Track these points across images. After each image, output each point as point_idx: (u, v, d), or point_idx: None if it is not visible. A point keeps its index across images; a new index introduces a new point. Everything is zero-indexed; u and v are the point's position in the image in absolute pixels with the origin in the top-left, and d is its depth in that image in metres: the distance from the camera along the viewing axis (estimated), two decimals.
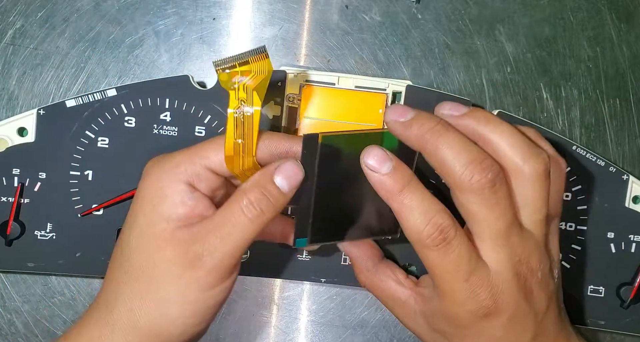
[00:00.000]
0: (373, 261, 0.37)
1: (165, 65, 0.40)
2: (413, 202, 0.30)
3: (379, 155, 0.31)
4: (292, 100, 0.38)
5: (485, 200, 0.29)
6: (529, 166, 0.30)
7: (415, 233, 0.30)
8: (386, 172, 0.30)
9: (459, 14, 0.41)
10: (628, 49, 0.41)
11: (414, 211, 0.30)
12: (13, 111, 0.40)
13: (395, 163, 0.31)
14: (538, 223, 0.31)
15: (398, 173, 0.30)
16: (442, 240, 0.30)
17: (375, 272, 0.37)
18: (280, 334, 0.42)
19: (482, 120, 0.31)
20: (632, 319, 0.40)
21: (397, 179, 0.30)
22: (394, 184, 0.30)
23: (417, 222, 0.30)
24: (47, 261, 0.38)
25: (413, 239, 0.30)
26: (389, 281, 0.36)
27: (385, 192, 0.30)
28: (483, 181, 0.29)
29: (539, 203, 0.31)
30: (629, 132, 0.42)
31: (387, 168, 0.30)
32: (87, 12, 0.40)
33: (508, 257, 0.30)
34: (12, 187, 0.37)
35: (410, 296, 0.35)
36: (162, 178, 0.31)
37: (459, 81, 0.41)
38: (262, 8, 0.40)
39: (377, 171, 0.30)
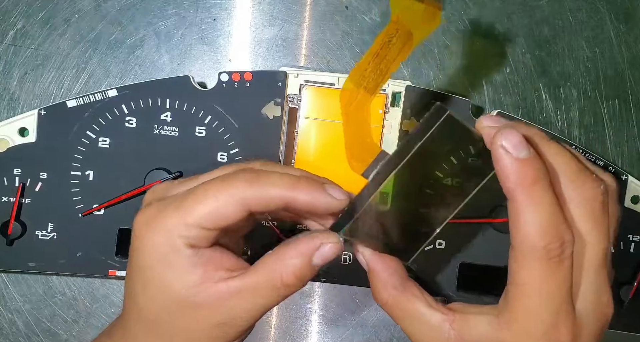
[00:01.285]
0: (401, 277, 0.32)
1: (166, 65, 0.41)
2: (544, 200, 0.26)
3: (519, 137, 0.26)
4: (292, 101, 0.38)
5: (593, 213, 0.26)
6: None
7: (532, 236, 0.26)
8: (524, 158, 0.26)
9: (459, 14, 0.41)
10: (627, 49, 0.41)
11: (542, 211, 0.26)
12: (14, 111, 0.40)
13: (534, 152, 0.26)
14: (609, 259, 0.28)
15: (536, 163, 0.26)
16: (559, 254, 0.25)
17: (402, 291, 0.31)
18: (280, 334, 0.43)
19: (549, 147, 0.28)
20: (632, 318, 0.40)
21: (534, 169, 0.26)
22: (530, 173, 0.26)
23: (541, 225, 0.25)
24: (48, 261, 0.38)
25: (527, 243, 0.26)
26: (418, 303, 0.31)
27: (515, 180, 0.26)
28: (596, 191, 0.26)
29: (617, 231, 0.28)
30: (627, 133, 0.42)
31: (525, 154, 0.26)
32: (88, 12, 0.40)
33: (597, 294, 0.27)
34: (13, 187, 0.38)
35: (445, 321, 0.30)
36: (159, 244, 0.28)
37: (458, 81, 0.41)
38: (262, 8, 0.41)
39: (512, 154, 0.26)
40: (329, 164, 0.38)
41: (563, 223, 0.26)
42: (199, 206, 0.28)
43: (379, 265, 0.32)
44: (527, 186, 0.26)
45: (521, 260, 0.26)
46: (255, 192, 0.28)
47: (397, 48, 0.28)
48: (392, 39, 0.27)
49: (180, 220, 0.28)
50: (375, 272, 0.32)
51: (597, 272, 0.27)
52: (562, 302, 0.26)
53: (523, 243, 0.26)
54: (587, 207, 0.27)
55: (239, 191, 0.28)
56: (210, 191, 0.28)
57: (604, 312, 0.28)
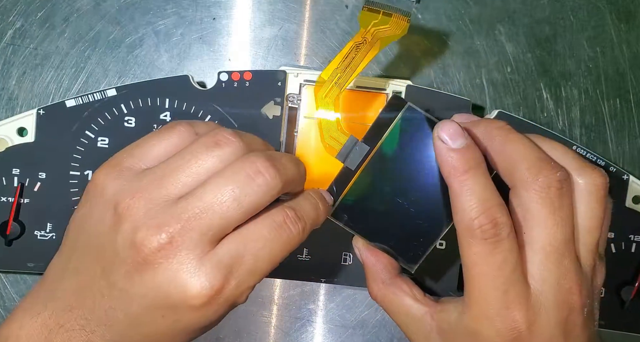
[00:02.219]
0: (390, 273, 0.34)
1: (165, 65, 0.40)
2: (475, 186, 0.28)
3: (454, 128, 0.29)
4: (292, 101, 0.38)
5: (549, 200, 0.27)
6: (586, 178, 0.28)
7: (467, 219, 0.28)
8: (457, 148, 0.28)
9: (459, 14, 0.41)
10: (628, 48, 0.41)
11: (473, 196, 0.28)
12: (13, 111, 0.40)
13: (469, 142, 0.29)
14: (590, 250, 0.29)
15: (469, 152, 0.28)
16: (493, 235, 0.27)
17: (389, 285, 0.34)
18: (280, 334, 0.42)
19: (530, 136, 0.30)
20: (632, 319, 0.40)
21: (467, 158, 0.28)
22: (461, 162, 0.28)
23: (472, 208, 0.27)
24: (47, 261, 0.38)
25: (462, 225, 0.28)
26: (404, 296, 0.33)
27: (449, 169, 0.28)
28: (551, 178, 0.27)
29: (593, 222, 0.29)
30: (629, 132, 0.42)
31: (459, 144, 0.28)
32: (87, 12, 0.40)
33: (556, 279, 0.28)
34: (12, 187, 0.37)
35: (427, 313, 0.32)
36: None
37: (459, 81, 0.41)
38: (262, 8, 0.40)
39: (447, 144, 0.28)
40: (329, 164, 0.38)
41: (495, 205, 0.28)
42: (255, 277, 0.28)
43: (370, 261, 0.34)
44: (459, 174, 0.28)
45: (463, 242, 0.28)
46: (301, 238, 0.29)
47: (363, 52, 0.32)
48: (359, 46, 0.32)
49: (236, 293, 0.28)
50: (367, 266, 0.34)
51: (556, 258, 0.28)
52: (507, 281, 0.27)
53: (460, 226, 0.28)
54: (542, 193, 0.28)
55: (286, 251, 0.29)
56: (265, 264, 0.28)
57: (566, 300, 0.28)
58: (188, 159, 0.28)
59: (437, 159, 0.29)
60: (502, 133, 0.29)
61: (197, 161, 0.28)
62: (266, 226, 0.28)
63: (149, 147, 0.30)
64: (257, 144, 0.30)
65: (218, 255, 0.27)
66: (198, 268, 0.26)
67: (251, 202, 0.27)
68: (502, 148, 0.29)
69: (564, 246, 0.28)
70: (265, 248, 0.27)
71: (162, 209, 0.27)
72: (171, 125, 0.31)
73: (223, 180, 0.27)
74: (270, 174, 0.27)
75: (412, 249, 0.33)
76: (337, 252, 0.39)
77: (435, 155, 0.29)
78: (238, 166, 0.27)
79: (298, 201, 0.30)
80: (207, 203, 0.27)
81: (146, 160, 0.29)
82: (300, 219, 0.28)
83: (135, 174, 0.29)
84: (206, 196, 0.27)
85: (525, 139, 0.29)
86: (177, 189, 0.28)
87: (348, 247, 0.38)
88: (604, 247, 0.31)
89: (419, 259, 0.33)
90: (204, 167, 0.28)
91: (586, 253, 0.29)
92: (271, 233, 0.28)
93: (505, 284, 0.27)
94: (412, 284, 0.34)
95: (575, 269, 0.28)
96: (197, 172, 0.28)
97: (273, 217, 0.28)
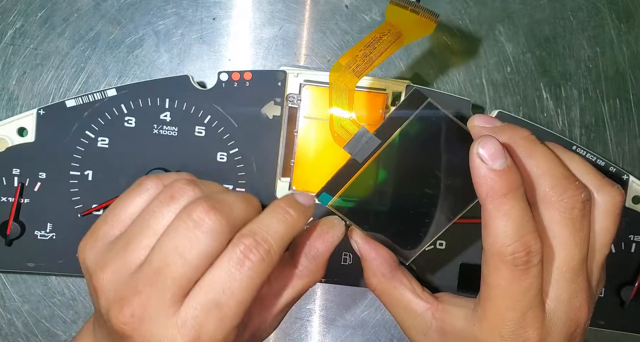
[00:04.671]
0: (390, 265, 0.33)
1: (165, 65, 0.40)
2: (513, 211, 0.27)
3: (496, 147, 0.27)
4: (292, 101, 0.38)
5: (571, 221, 0.27)
6: (604, 196, 0.28)
7: (500, 245, 0.27)
8: (498, 169, 0.27)
9: (459, 14, 0.41)
10: (628, 49, 0.41)
11: (509, 221, 0.27)
12: (13, 111, 0.40)
13: (510, 163, 0.27)
14: (598, 266, 0.29)
15: (510, 174, 0.27)
16: (525, 262, 0.27)
17: (390, 279, 0.33)
18: (280, 334, 0.42)
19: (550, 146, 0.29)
20: (632, 319, 0.40)
21: (507, 180, 0.27)
22: (501, 185, 0.27)
23: (507, 234, 0.27)
24: (47, 261, 0.38)
25: (494, 250, 0.27)
26: (404, 290, 0.33)
27: (487, 190, 0.27)
28: (576, 199, 0.27)
29: (606, 239, 0.29)
30: (628, 132, 0.42)
31: (500, 164, 0.27)
32: (87, 12, 0.40)
33: (570, 298, 0.28)
34: (12, 187, 0.37)
35: (428, 310, 0.32)
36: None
37: (459, 81, 0.41)
38: (262, 8, 0.40)
39: (487, 163, 0.27)
40: (329, 164, 0.38)
41: (531, 233, 0.27)
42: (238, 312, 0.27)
43: (370, 253, 0.33)
44: (497, 197, 0.27)
45: (490, 264, 0.28)
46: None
47: (386, 44, 0.31)
48: (383, 36, 0.31)
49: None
50: (366, 259, 0.34)
51: (571, 278, 0.28)
52: (528, 305, 0.27)
53: (492, 249, 0.27)
54: (565, 214, 0.27)
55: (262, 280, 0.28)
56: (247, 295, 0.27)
57: (575, 317, 0.28)
58: (147, 219, 0.28)
59: (473, 177, 0.28)
60: (526, 144, 0.28)
61: (156, 219, 0.28)
62: (223, 268, 0.27)
63: (121, 210, 0.30)
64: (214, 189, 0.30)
65: (181, 317, 0.26)
66: (165, 335, 0.26)
67: (199, 253, 0.26)
68: (526, 161, 0.28)
69: (580, 265, 0.28)
70: (226, 292, 0.26)
71: (125, 281, 0.27)
72: (139, 183, 0.30)
73: (167, 238, 0.27)
74: (211, 219, 0.26)
75: (410, 242, 0.33)
76: (337, 252, 0.39)
77: (472, 173, 0.28)
78: (177, 220, 0.27)
79: (258, 219, 0.28)
80: (156, 268, 0.26)
81: (119, 224, 0.29)
82: (260, 243, 0.27)
83: (108, 243, 0.29)
84: (155, 260, 0.26)
85: (550, 154, 0.28)
86: (139, 255, 0.27)
87: (348, 247, 0.38)
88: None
89: (415, 253, 0.33)
90: (162, 224, 0.27)
91: (595, 268, 0.29)
92: (230, 274, 0.26)
93: (525, 307, 0.27)
94: (411, 277, 0.34)
95: (586, 287, 0.28)
96: (155, 231, 0.27)
97: (229, 255, 0.27)
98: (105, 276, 0.27)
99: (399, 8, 0.33)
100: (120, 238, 0.28)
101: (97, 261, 0.28)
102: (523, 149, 0.28)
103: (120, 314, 0.26)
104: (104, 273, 0.27)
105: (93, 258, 0.28)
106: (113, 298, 0.27)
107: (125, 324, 0.26)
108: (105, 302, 0.27)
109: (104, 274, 0.27)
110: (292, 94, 0.38)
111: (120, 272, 0.27)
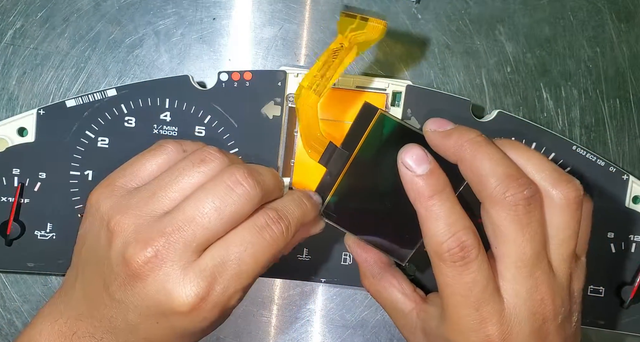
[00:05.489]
0: (380, 267, 0.35)
1: (165, 65, 0.40)
2: (441, 211, 0.29)
3: (418, 154, 0.30)
4: (292, 101, 0.38)
5: (517, 217, 0.28)
6: (559, 192, 0.29)
7: (435, 243, 0.29)
8: (421, 174, 0.29)
9: (459, 14, 0.41)
10: (628, 49, 0.41)
11: (440, 221, 0.29)
12: (13, 111, 0.40)
13: (432, 166, 0.29)
14: (565, 259, 0.29)
15: (433, 178, 0.29)
16: (461, 258, 0.28)
17: (380, 280, 0.35)
18: (280, 334, 0.42)
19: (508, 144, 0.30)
20: (632, 319, 0.40)
21: (431, 183, 0.29)
22: (426, 188, 0.29)
23: (439, 233, 0.28)
24: (47, 261, 0.38)
25: (431, 249, 0.29)
26: (393, 291, 0.35)
27: (415, 194, 0.29)
28: (518, 196, 0.28)
29: (567, 233, 0.29)
30: (629, 132, 0.42)
31: (422, 170, 0.29)
32: (87, 12, 0.40)
33: (528, 292, 0.28)
34: (12, 187, 0.37)
35: (414, 310, 0.34)
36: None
37: (459, 81, 0.41)
38: (262, 8, 0.40)
39: (412, 170, 0.29)
40: None
41: (463, 229, 0.28)
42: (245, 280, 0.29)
43: (361, 256, 0.35)
44: (425, 199, 0.29)
45: (434, 264, 0.29)
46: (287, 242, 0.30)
47: (340, 59, 0.32)
48: (337, 52, 0.32)
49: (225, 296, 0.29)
50: (358, 262, 0.36)
51: (526, 272, 0.29)
52: (479, 300, 0.28)
53: (430, 249, 0.29)
54: (510, 211, 0.28)
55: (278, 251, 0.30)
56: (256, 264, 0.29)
57: (539, 311, 0.29)
58: (176, 175, 0.30)
59: (403, 184, 0.30)
60: (472, 146, 0.29)
61: (184, 177, 0.30)
62: (248, 230, 0.29)
63: (140, 166, 0.32)
64: (239, 160, 0.32)
65: (201, 264, 0.28)
66: (182, 278, 0.28)
67: (232, 212, 0.28)
68: (472, 162, 0.29)
69: (534, 259, 0.29)
70: (248, 251, 0.28)
71: (149, 224, 0.28)
72: (160, 144, 0.32)
73: (204, 193, 0.29)
74: (249, 184, 0.29)
75: (401, 244, 0.34)
76: (337, 252, 0.39)
77: (402, 181, 0.30)
78: (218, 179, 0.29)
79: (281, 200, 0.31)
80: (189, 216, 0.28)
81: (137, 179, 0.31)
82: (282, 218, 0.30)
83: (127, 192, 0.30)
84: (189, 209, 0.28)
85: (496, 153, 0.29)
86: (164, 205, 0.29)
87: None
88: (585, 251, 0.32)
89: (409, 253, 0.34)
90: (190, 182, 0.30)
91: (560, 262, 0.30)
92: (253, 236, 0.29)
93: (476, 302, 0.28)
94: (403, 278, 0.35)
95: (548, 280, 0.29)
96: (183, 188, 0.29)
97: (255, 221, 0.29)
98: (126, 219, 0.29)
99: (349, 18, 0.34)
100: (144, 188, 0.30)
101: (116, 205, 0.29)
102: (469, 151, 0.29)
103: (142, 253, 0.28)
104: (125, 217, 0.29)
105: (111, 204, 0.30)
106: (134, 239, 0.28)
107: (145, 264, 0.28)
108: (123, 243, 0.28)
109: (125, 217, 0.29)
110: (292, 94, 0.38)
111: (144, 216, 0.29)
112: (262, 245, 0.29)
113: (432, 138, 0.31)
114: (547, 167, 0.30)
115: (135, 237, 0.28)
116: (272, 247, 0.29)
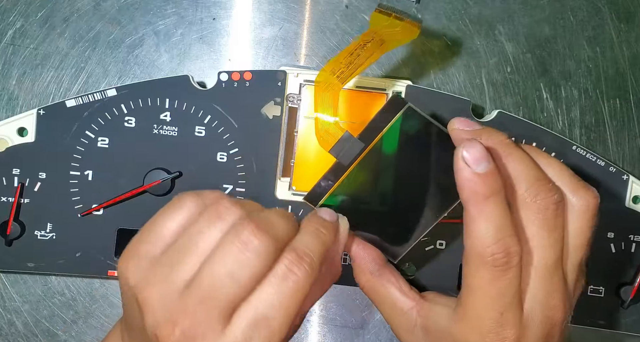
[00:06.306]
0: (378, 264, 0.35)
1: (165, 65, 0.40)
2: (494, 214, 0.28)
3: (480, 150, 0.28)
4: (292, 101, 0.38)
5: (545, 221, 0.28)
6: (579, 199, 0.29)
7: (480, 246, 0.28)
8: (481, 172, 0.28)
9: (459, 14, 0.41)
10: (628, 49, 0.41)
11: (490, 223, 0.28)
12: (13, 111, 0.40)
13: (493, 166, 0.28)
14: (576, 266, 0.30)
15: (492, 178, 0.28)
16: (504, 263, 0.28)
17: (378, 277, 0.35)
18: None
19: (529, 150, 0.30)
20: (632, 319, 0.40)
21: (489, 184, 0.28)
22: (484, 187, 0.28)
23: (487, 235, 0.28)
24: (47, 261, 0.38)
25: (474, 251, 0.28)
26: (391, 288, 0.34)
27: (469, 193, 0.28)
28: (548, 200, 0.28)
29: (581, 240, 0.29)
30: (629, 132, 0.42)
31: (483, 168, 0.28)
32: (87, 12, 0.40)
33: (546, 298, 0.29)
34: (12, 187, 0.37)
35: (414, 308, 0.34)
36: None
37: (459, 81, 0.41)
38: (262, 8, 0.40)
39: (471, 167, 0.28)
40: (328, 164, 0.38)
41: (510, 236, 0.28)
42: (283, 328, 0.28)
43: (358, 251, 0.35)
44: (479, 200, 0.28)
45: (471, 265, 0.29)
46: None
47: (369, 51, 0.31)
48: (367, 44, 0.32)
49: None
50: (355, 259, 0.35)
51: (546, 277, 0.29)
52: (507, 305, 0.28)
53: (472, 250, 0.28)
54: (539, 214, 0.28)
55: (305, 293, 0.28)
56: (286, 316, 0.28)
57: (551, 316, 0.29)
58: (194, 237, 0.28)
59: (456, 179, 0.29)
60: (504, 148, 0.29)
61: (203, 239, 0.28)
62: (270, 285, 0.27)
63: (162, 227, 0.30)
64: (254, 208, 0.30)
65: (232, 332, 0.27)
66: None
67: (249, 274, 0.27)
68: (502, 164, 0.29)
69: (554, 265, 0.29)
70: (275, 306, 0.27)
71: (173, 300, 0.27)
72: (179, 199, 0.31)
73: (216, 261, 0.27)
74: (259, 239, 0.27)
75: (397, 241, 0.34)
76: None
77: (455, 175, 0.29)
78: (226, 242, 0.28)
79: (299, 237, 0.30)
80: (206, 289, 0.27)
81: (160, 243, 0.30)
82: (302, 257, 0.28)
83: (151, 262, 0.29)
84: (207, 279, 0.27)
85: (525, 157, 0.29)
86: (185, 274, 0.28)
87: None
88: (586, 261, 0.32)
89: (403, 251, 0.34)
90: (209, 243, 0.28)
91: (572, 269, 0.30)
92: (277, 288, 0.27)
93: (503, 306, 0.28)
94: (399, 276, 0.35)
95: (562, 287, 0.29)
96: (203, 250, 0.28)
97: (275, 272, 0.28)
98: (152, 294, 0.27)
99: (383, 15, 0.34)
100: (166, 256, 0.29)
101: (142, 279, 0.28)
102: (501, 152, 0.29)
103: (172, 335, 0.26)
104: (150, 292, 0.27)
105: (138, 277, 0.28)
106: (162, 318, 0.27)
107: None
108: (153, 321, 0.27)
109: (150, 292, 0.27)
110: (292, 94, 0.38)
111: (168, 290, 0.27)
112: (287, 294, 0.27)
113: (460, 137, 0.30)
114: (566, 173, 0.30)
115: (162, 315, 0.27)
116: (299, 291, 0.28)
